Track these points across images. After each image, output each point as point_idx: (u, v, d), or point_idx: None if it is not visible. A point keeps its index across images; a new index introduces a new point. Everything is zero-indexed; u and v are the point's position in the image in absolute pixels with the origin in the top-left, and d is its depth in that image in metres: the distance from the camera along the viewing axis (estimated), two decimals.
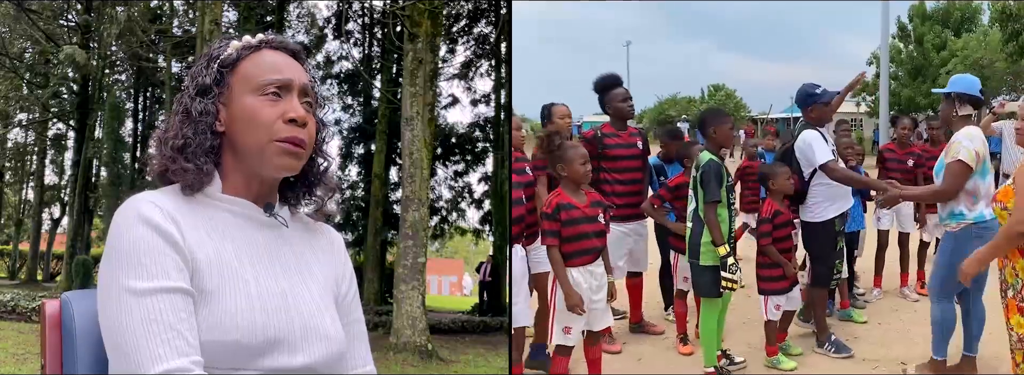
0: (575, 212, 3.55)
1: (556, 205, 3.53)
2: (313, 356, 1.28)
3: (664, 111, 38.53)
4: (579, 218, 3.56)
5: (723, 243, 4.01)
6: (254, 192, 1.34)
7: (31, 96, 18.39)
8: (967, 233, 3.84)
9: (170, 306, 1.17)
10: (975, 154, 3.82)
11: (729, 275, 4.02)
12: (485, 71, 18.90)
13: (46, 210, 22.97)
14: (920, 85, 24.97)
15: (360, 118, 18.97)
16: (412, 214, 9.98)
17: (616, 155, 4.70)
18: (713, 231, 4.02)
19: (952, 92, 4.05)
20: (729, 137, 4.21)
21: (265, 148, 1.29)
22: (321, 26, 18.31)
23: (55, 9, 17.43)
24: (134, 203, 1.24)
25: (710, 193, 4.02)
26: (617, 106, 4.78)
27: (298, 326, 1.28)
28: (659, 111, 39.52)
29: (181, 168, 1.27)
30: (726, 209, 4.10)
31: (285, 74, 1.33)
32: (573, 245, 3.56)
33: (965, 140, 3.85)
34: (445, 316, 15.35)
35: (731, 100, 38.81)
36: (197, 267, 1.22)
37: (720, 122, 4.19)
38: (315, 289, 1.36)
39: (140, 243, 1.19)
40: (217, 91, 1.32)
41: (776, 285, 4.42)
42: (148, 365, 1.13)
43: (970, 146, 3.82)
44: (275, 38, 1.38)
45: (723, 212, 4.09)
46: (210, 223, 1.29)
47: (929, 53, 25.22)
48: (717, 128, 4.16)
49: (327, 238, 1.47)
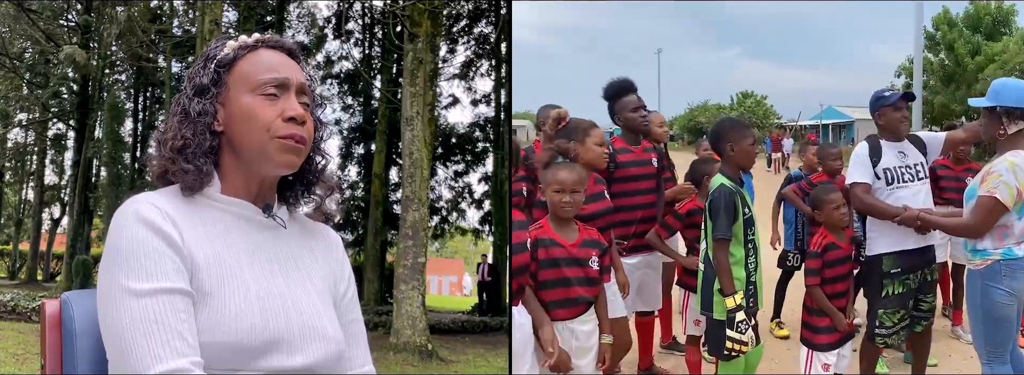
0: (557, 251, 2.95)
1: (535, 239, 2.94)
2: (312, 356, 1.28)
3: (694, 118, 38.67)
4: (562, 259, 2.95)
5: (732, 293, 3.18)
6: (253, 192, 1.35)
7: (31, 96, 18.38)
8: (994, 271, 3.18)
9: (170, 307, 1.17)
10: (1016, 193, 3.13)
11: (736, 335, 3.19)
12: (485, 71, 18.91)
13: (46, 210, 22.96)
14: (954, 91, 24.08)
15: (360, 118, 18.98)
16: (412, 214, 9.98)
17: (628, 175, 3.97)
18: (721, 277, 3.21)
19: (998, 105, 3.22)
20: (751, 156, 3.36)
21: (266, 146, 1.29)
22: (321, 26, 18.31)
23: (55, 9, 17.42)
24: (133, 204, 1.24)
25: (718, 228, 3.18)
26: (628, 116, 4.04)
27: (297, 327, 1.28)
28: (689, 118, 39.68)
29: (181, 169, 1.28)
30: (742, 247, 3.24)
31: (282, 73, 1.33)
32: (551, 293, 2.94)
33: (1007, 173, 3.13)
34: (445, 316, 15.35)
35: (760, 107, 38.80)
36: (196, 268, 1.23)
37: (740, 136, 3.29)
38: (313, 290, 1.36)
39: (139, 244, 1.20)
40: (215, 91, 1.32)
41: (823, 339, 3.60)
42: (148, 365, 1.13)
43: (1012, 182, 3.12)
44: (271, 37, 1.39)
45: (738, 251, 3.24)
46: (209, 224, 1.29)
47: (962, 59, 24.11)
48: (736, 144, 3.28)
49: (325, 239, 1.47)
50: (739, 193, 3.25)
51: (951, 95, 24.11)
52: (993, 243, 3.22)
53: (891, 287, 3.62)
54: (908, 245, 3.60)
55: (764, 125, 35.33)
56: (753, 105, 38.80)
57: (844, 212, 3.67)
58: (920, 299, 3.76)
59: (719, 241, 3.20)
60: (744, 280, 3.24)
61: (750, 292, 3.26)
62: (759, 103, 39.39)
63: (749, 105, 38.75)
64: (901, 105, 3.65)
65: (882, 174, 3.61)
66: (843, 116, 37.54)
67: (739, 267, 3.24)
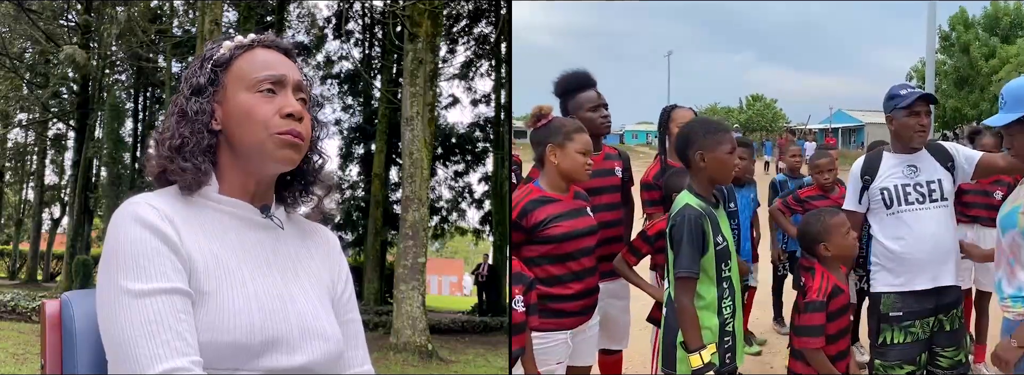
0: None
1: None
2: (311, 356, 1.28)
3: None
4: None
5: (699, 348, 2.44)
6: (251, 192, 1.35)
7: (31, 96, 18.39)
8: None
9: (169, 307, 1.17)
10: None
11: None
12: (485, 71, 18.92)
13: (46, 210, 22.99)
14: (967, 95, 23.72)
15: (360, 118, 19.00)
16: (412, 214, 9.98)
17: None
18: (684, 327, 2.48)
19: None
20: (727, 167, 2.57)
21: (264, 142, 1.29)
22: (321, 26, 18.33)
23: (55, 9, 17.42)
24: (131, 205, 1.25)
25: (680, 263, 2.45)
26: (586, 116, 3.18)
27: (296, 326, 1.28)
28: None
29: (179, 168, 1.28)
30: (713, 286, 2.52)
31: (279, 70, 1.34)
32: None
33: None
34: (445, 316, 15.35)
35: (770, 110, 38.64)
36: (194, 268, 1.23)
37: (714, 142, 2.52)
38: (312, 289, 1.36)
39: (138, 245, 1.20)
40: (212, 90, 1.33)
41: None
42: (147, 365, 1.13)
43: None
44: (267, 37, 1.39)
45: (709, 292, 2.51)
46: (207, 224, 1.29)
47: (977, 62, 23.32)
48: (708, 152, 2.52)
49: (323, 239, 1.48)
50: (710, 216, 2.51)
51: (964, 99, 23.64)
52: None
53: (890, 334, 2.90)
54: (916, 285, 2.87)
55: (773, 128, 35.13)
56: (762, 108, 38.67)
57: (853, 237, 2.86)
58: (938, 354, 2.95)
59: (681, 280, 2.47)
60: (716, 330, 2.51)
61: (726, 345, 2.53)
62: (768, 106, 39.28)
63: (758, 108, 38.61)
64: (919, 109, 2.89)
65: (879, 194, 2.94)
66: (853, 120, 37.34)
67: (710, 313, 2.51)
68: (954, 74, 24.48)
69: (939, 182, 2.92)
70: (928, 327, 2.90)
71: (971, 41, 24.32)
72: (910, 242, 2.88)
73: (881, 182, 2.95)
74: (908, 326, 2.87)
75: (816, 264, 2.84)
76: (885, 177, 2.95)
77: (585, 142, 2.73)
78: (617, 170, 3.35)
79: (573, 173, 2.73)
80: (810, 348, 2.75)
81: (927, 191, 2.91)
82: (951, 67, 24.81)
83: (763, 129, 41.00)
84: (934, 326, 2.92)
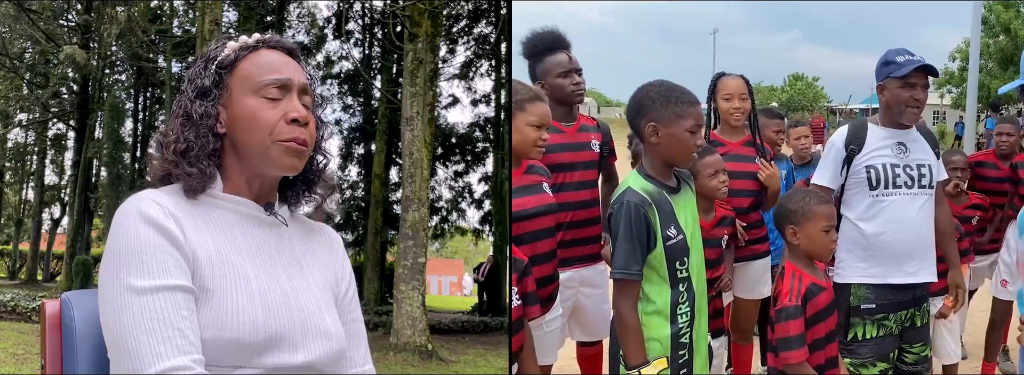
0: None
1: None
2: (314, 354, 1.28)
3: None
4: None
5: (639, 365, 2.06)
6: (254, 191, 1.35)
7: (31, 96, 18.37)
8: None
9: (171, 304, 1.17)
10: None
11: None
12: (485, 71, 18.91)
13: (46, 210, 22.96)
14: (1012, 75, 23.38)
15: (360, 118, 18.97)
16: (412, 214, 9.98)
17: (558, 162, 2.78)
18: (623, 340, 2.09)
19: None
20: (687, 147, 2.11)
21: (268, 149, 1.29)
22: (321, 26, 18.30)
23: (55, 9, 17.42)
24: (135, 201, 1.24)
25: (622, 258, 2.06)
26: (556, 83, 2.83)
27: (299, 324, 1.28)
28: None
29: (184, 172, 1.28)
30: (666, 288, 2.11)
31: (284, 73, 1.33)
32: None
33: None
34: (445, 316, 15.35)
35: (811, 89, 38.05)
36: (198, 265, 1.23)
37: (672, 116, 2.08)
38: (315, 287, 1.36)
39: (141, 241, 1.20)
40: (217, 93, 1.32)
41: None
42: (149, 363, 1.13)
43: None
44: (272, 37, 1.38)
45: (659, 295, 2.11)
46: (211, 221, 1.29)
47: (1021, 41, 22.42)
48: (664, 127, 2.08)
49: (326, 238, 1.47)
50: (659, 204, 2.09)
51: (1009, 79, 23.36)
52: None
53: (861, 328, 2.62)
54: (893, 277, 2.64)
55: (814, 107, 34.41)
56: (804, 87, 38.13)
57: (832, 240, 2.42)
58: (906, 350, 2.78)
59: (618, 282, 2.08)
60: (667, 341, 2.09)
61: (680, 360, 2.11)
62: (810, 85, 38.69)
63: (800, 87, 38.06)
64: (916, 81, 2.59)
65: (864, 171, 2.64)
66: None
67: (661, 320, 2.09)
68: (998, 54, 23.41)
69: (929, 167, 2.70)
70: (901, 321, 2.70)
71: (1011, 20, 23.23)
72: (892, 229, 2.62)
73: (867, 158, 2.65)
74: (881, 319, 2.63)
75: (786, 264, 2.44)
76: (872, 153, 2.66)
77: (541, 114, 2.35)
78: (594, 144, 2.95)
79: (518, 148, 2.36)
80: (793, 363, 2.28)
81: (917, 175, 2.66)
82: (995, 47, 23.58)
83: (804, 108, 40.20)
84: (906, 321, 2.72)
